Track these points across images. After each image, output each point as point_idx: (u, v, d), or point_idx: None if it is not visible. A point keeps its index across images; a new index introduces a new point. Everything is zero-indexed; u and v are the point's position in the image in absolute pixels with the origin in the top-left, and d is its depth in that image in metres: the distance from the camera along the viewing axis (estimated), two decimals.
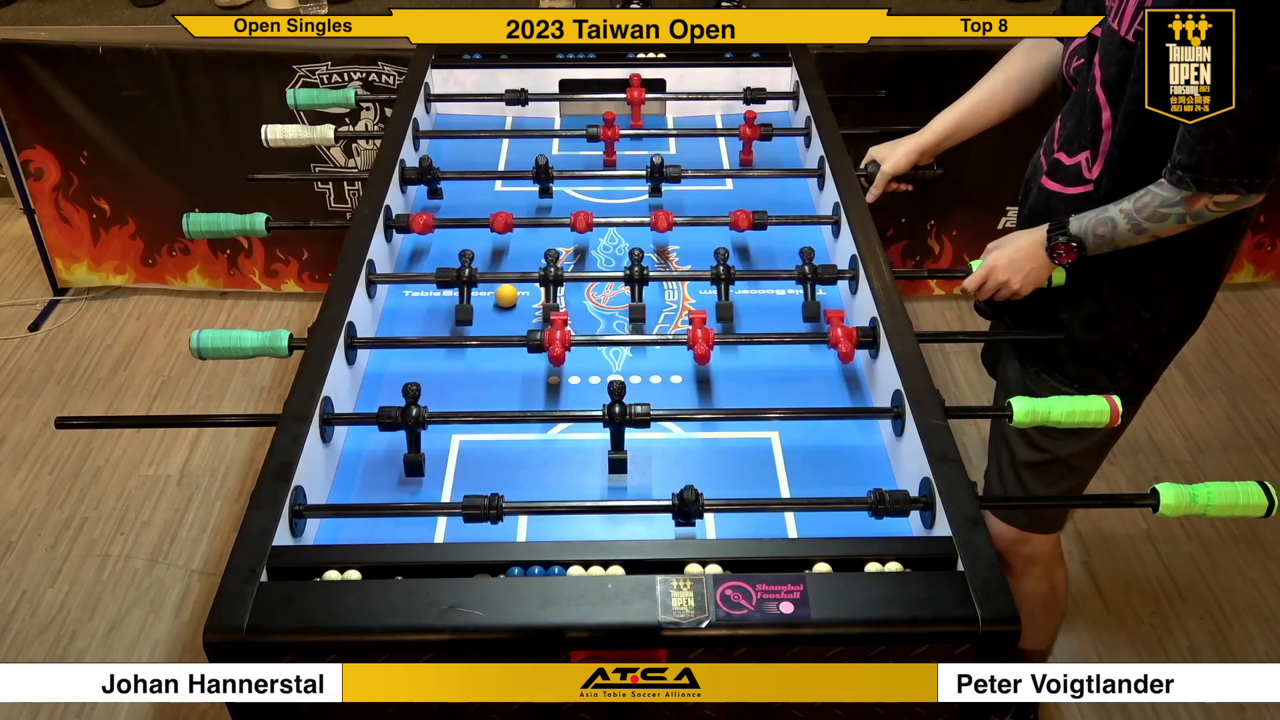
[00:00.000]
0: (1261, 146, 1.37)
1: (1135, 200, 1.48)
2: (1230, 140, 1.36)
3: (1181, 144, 1.40)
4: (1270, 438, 2.90)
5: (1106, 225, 1.51)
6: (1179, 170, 1.41)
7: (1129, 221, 1.48)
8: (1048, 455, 1.74)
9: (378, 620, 1.10)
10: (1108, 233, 1.51)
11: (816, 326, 1.67)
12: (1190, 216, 1.44)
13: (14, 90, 3.01)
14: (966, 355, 3.19)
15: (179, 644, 2.35)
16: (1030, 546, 1.87)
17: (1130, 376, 1.68)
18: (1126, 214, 1.48)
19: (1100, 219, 1.51)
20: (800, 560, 1.19)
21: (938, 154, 1.93)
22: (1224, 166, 1.38)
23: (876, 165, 1.95)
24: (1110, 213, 1.51)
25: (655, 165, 1.96)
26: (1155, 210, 1.46)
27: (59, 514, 2.68)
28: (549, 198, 2.03)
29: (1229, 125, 1.35)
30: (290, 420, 1.34)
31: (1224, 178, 1.38)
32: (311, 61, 2.92)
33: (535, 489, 1.41)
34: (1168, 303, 1.62)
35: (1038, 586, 1.93)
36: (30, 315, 3.38)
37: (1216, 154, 1.37)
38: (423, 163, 1.96)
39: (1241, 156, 1.37)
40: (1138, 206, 1.47)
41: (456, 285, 1.67)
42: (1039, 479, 1.78)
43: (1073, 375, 1.68)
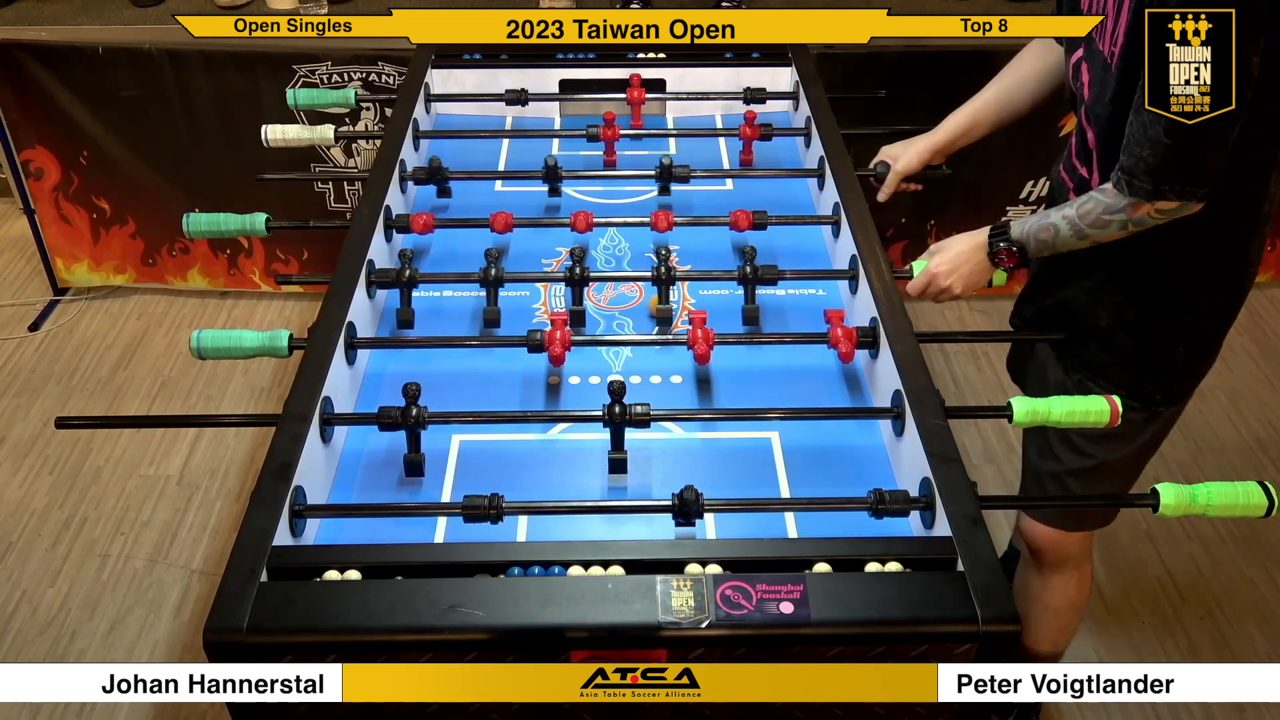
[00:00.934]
0: (1202, 156, 1.36)
1: (1078, 206, 1.48)
2: (1167, 149, 1.35)
3: (1126, 146, 1.41)
4: (1270, 438, 2.90)
5: (1049, 231, 1.51)
6: (1119, 171, 1.42)
7: (1071, 227, 1.49)
8: (1092, 461, 1.73)
9: (378, 620, 1.10)
10: (1049, 238, 1.52)
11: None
12: (1133, 223, 1.44)
13: (14, 90, 3.01)
14: (966, 355, 3.19)
15: (179, 644, 2.35)
16: (1065, 542, 1.86)
17: (1179, 379, 1.68)
18: (1069, 220, 1.49)
19: (1042, 224, 1.52)
20: (800, 560, 1.19)
21: (950, 154, 1.93)
22: (1158, 174, 1.37)
23: (887, 165, 1.95)
24: (1052, 218, 1.51)
25: (665, 166, 1.96)
26: (1098, 217, 1.46)
27: (59, 514, 2.68)
28: (557, 196, 2.03)
29: (1167, 134, 1.35)
30: (290, 420, 1.34)
31: (1156, 185, 1.38)
32: (311, 61, 2.92)
33: (535, 489, 1.41)
34: (1204, 303, 1.61)
35: (1067, 583, 1.92)
36: (30, 315, 3.38)
37: (1150, 161, 1.37)
38: (432, 163, 1.96)
39: (1177, 165, 1.36)
40: (1080, 213, 1.47)
41: (483, 285, 1.67)
42: (1084, 484, 1.77)
43: (1118, 381, 1.66)
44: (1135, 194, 1.40)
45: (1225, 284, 1.61)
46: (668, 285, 1.69)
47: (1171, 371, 1.66)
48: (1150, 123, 1.36)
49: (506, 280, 1.69)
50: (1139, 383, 1.65)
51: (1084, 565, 1.92)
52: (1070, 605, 1.95)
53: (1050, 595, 1.93)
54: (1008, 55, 1.80)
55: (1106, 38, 1.46)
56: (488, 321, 1.67)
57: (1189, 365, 1.67)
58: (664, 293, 1.69)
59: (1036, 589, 1.93)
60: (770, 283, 1.69)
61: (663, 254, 1.70)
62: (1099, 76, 1.49)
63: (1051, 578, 1.91)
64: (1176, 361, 1.65)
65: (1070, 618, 1.98)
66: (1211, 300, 1.61)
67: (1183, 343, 1.64)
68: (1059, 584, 1.92)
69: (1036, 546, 1.89)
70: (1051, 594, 1.93)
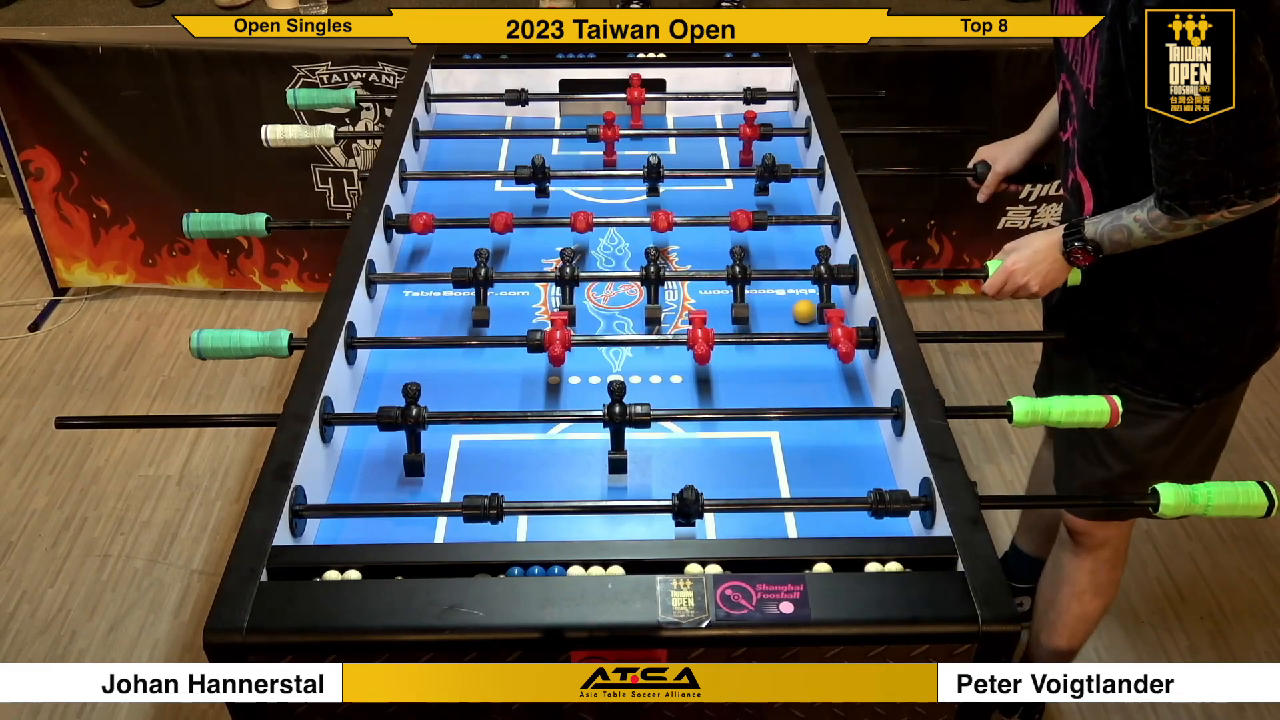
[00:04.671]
0: (1254, 158, 1.36)
1: (1148, 210, 1.47)
2: (1207, 165, 1.35)
3: (1159, 177, 1.41)
4: (1270, 438, 2.90)
5: (1122, 232, 1.51)
6: (1166, 200, 1.41)
7: (1144, 229, 1.48)
8: (1138, 465, 1.73)
9: (378, 620, 1.10)
10: (1124, 239, 1.52)
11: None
12: (1206, 224, 1.44)
13: (14, 90, 3.01)
14: (966, 355, 3.19)
15: (179, 644, 2.35)
16: (1104, 531, 1.86)
17: (1218, 378, 1.67)
18: (1141, 222, 1.48)
19: (1115, 225, 1.52)
20: (800, 560, 1.19)
21: (1047, 151, 1.93)
22: (1213, 188, 1.37)
23: (986, 166, 1.96)
24: (1125, 220, 1.51)
25: (652, 166, 1.96)
26: (1170, 222, 1.45)
27: (59, 514, 2.68)
28: (545, 197, 2.03)
29: (1200, 152, 1.35)
30: (290, 420, 1.34)
31: (1214, 197, 1.38)
32: (311, 61, 2.91)
33: (535, 489, 1.41)
34: (1229, 302, 1.61)
35: (1099, 569, 1.92)
36: (30, 315, 3.38)
37: (1197, 180, 1.37)
38: (535, 160, 1.95)
39: (1233, 174, 1.36)
40: (1150, 217, 1.47)
41: (473, 285, 1.67)
42: (1135, 487, 1.75)
43: (1155, 386, 1.66)
44: (1196, 213, 1.40)
45: (1248, 281, 1.60)
46: (657, 285, 1.68)
47: (1207, 370, 1.66)
48: (1177, 151, 1.36)
49: (496, 280, 1.68)
50: (1176, 384, 1.66)
51: (1119, 556, 1.92)
52: (1097, 590, 1.95)
53: (1082, 575, 1.92)
54: (1008, 55, 1.80)
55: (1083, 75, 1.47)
56: (476, 322, 1.67)
57: (1227, 362, 1.66)
58: (653, 292, 1.69)
59: (1070, 569, 1.94)
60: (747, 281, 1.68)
61: (652, 254, 1.70)
62: (1083, 112, 1.50)
63: (1086, 559, 1.91)
64: (1211, 360, 1.65)
65: (1093, 606, 1.97)
66: (1236, 298, 1.61)
67: (1216, 343, 1.63)
68: (1092, 566, 1.92)
69: (1076, 529, 1.89)
70: (1084, 574, 1.92)
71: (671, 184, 2.05)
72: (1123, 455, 1.74)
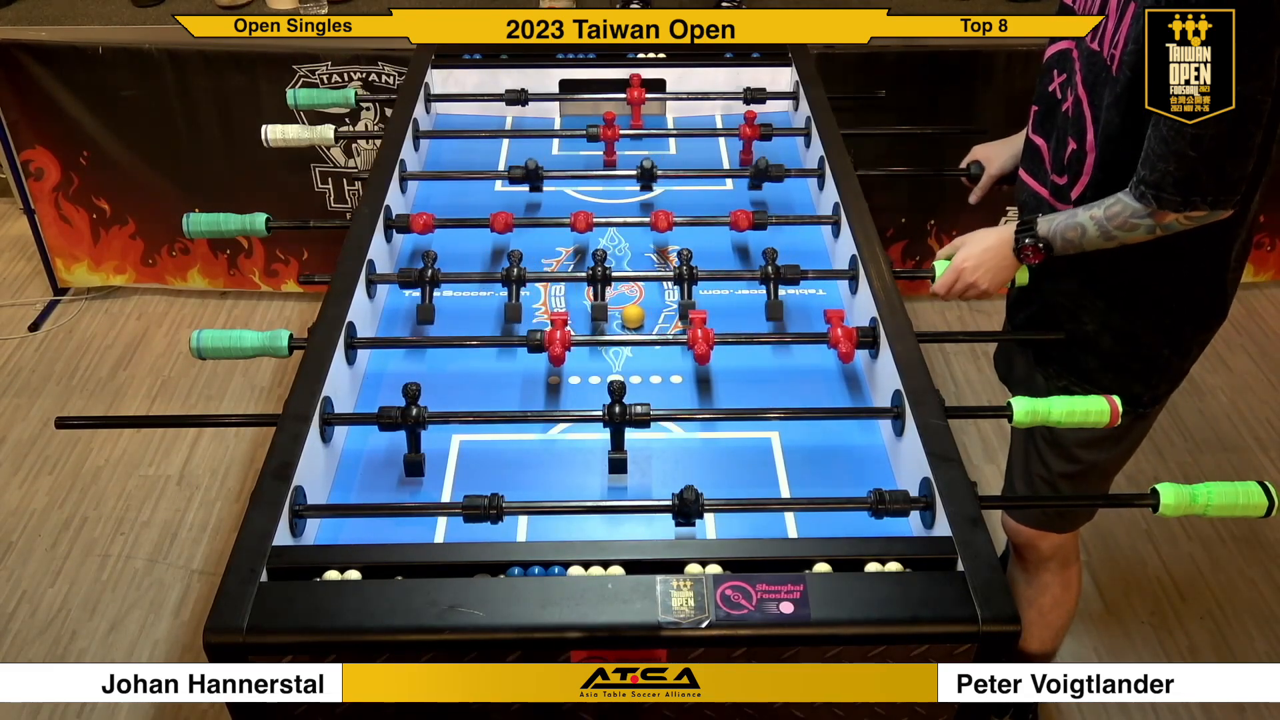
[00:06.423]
0: (1228, 166, 1.37)
1: (1106, 208, 1.48)
2: (1192, 161, 1.36)
3: (1145, 159, 1.41)
4: (1270, 438, 2.90)
5: (1076, 230, 1.51)
6: (1142, 185, 1.42)
7: (1099, 228, 1.49)
8: (1082, 465, 1.74)
9: (378, 620, 1.10)
10: (1076, 237, 1.52)
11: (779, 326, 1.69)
12: (1160, 228, 1.45)
13: (14, 90, 3.01)
14: (966, 355, 3.19)
15: (179, 644, 2.35)
16: (1048, 542, 1.86)
17: (1165, 381, 1.69)
18: (1096, 221, 1.49)
19: (1070, 223, 1.52)
20: (800, 560, 1.19)
21: None
22: (1186, 186, 1.38)
23: (980, 166, 1.95)
24: (1080, 218, 1.51)
25: (645, 169, 1.95)
26: (1126, 220, 1.46)
27: (59, 514, 2.68)
28: (539, 192, 2.02)
29: (1192, 147, 1.35)
30: (290, 420, 1.34)
31: (1186, 196, 1.39)
32: (311, 61, 2.91)
33: (535, 489, 1.41)
34: (1185, 305, 1.62)
35: (1051, 583, 1.92)
36: (30, 315, 3.38)
37: (1178, 174, 1.38)
38: (529, 164, 1.94)
39: (1206, 177, 1.37)
40: (1108, 215, 1.48)
41: (419, 285, 1.67)
42: (1074, 487, 1.78)
43: (1106, 386, 1.66)
44: (1165, 206, 1.41)
45: (1207, 287, 1.61)
46: (690, 284, 1.68)
47: (1157, 373, 1.67)
48: (1172, 137, 1.36)
49: (529, 280, 1.69)
50: (1126, 385, 1.66)
51: (1070, 566, 1.92)
52: (1056, 604, 1.95)
53: (1036, 594, 1.93)
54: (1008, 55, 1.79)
55: (1106, 40, 1.46)
56: (421, 320, 1.65)
57: (1174, 366, 1.68)
58: (685, 290, 1.69)
59: (1021, 587, 1.94)
60: (792, 282, 1.69)
61: (685, 254, 1.70)
62: (1096, 80, 1.49)
63: (1035, 577, 1.92)
64: (1161, 363, 1.66)
65: (1057, 617, 1.97)
66: (1193, 303, 1.62)
67: (1167, 345, 1.65)
68: (1043, 584, 1.92)
69: (1019, 544, 1.89)
70: (1037, 593, 1.93)
71: (671, 184, 2.04)
72: (1065, 455, 1.74)
